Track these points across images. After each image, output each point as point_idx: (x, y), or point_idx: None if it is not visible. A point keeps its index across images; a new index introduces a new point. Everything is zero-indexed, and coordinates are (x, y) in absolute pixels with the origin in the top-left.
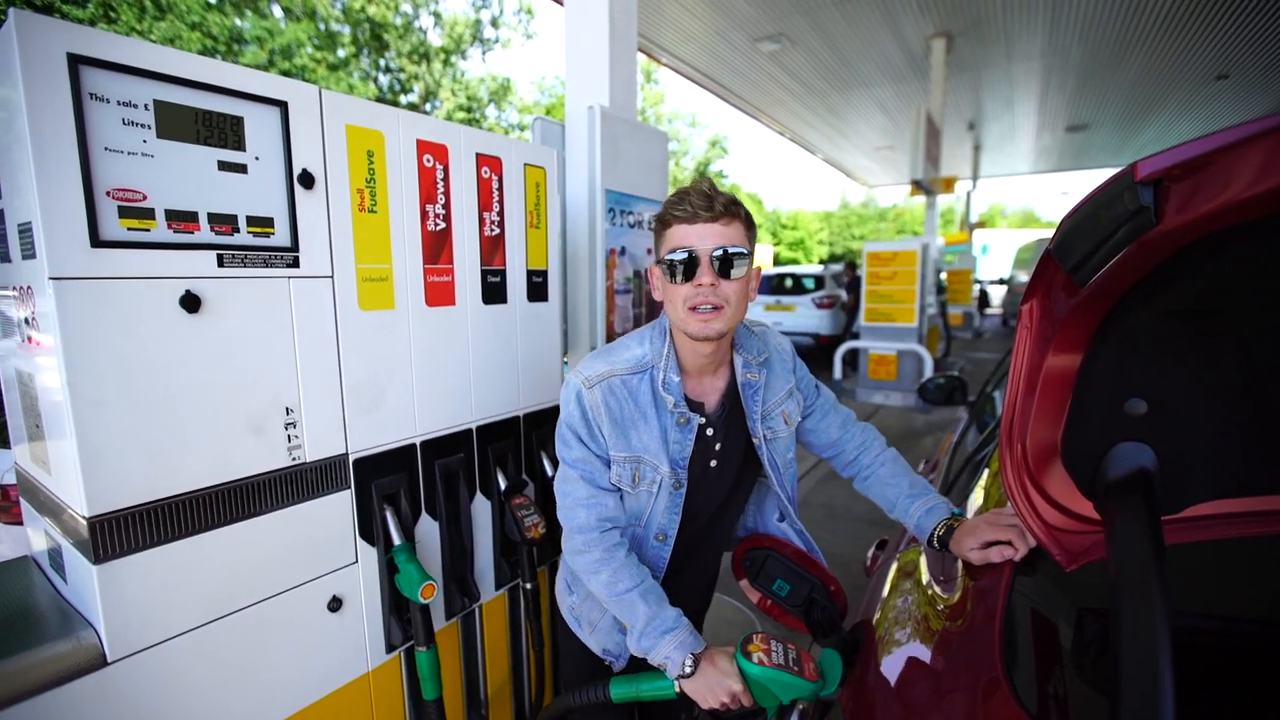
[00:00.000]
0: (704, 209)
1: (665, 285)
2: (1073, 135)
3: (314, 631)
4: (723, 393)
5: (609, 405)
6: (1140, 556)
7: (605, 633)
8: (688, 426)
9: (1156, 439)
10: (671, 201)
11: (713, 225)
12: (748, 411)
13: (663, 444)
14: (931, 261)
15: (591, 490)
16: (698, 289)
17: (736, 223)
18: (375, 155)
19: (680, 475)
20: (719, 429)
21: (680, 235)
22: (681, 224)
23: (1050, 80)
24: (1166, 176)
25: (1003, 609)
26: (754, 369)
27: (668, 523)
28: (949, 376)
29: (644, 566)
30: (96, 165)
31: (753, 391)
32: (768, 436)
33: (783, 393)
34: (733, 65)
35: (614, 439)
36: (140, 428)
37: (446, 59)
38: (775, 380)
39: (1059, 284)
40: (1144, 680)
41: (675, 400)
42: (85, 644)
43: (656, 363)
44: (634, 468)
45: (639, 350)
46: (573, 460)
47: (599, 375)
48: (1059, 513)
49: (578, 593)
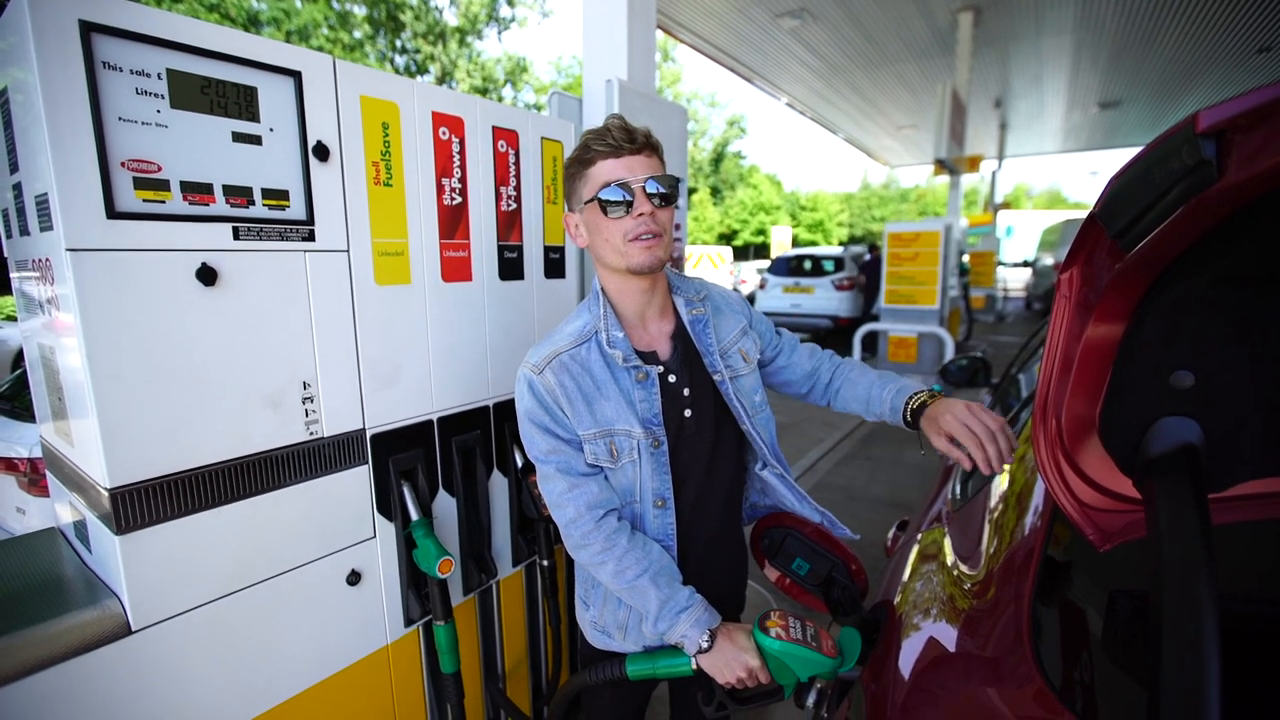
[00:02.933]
0: (627, 141)
1: (598, 224)
2: (1104, 112)
3: (333, 605)
4: (670, 335)
5: (564, 384)
6: (1186, 536)
7: (639, 629)
8: (649, 381)
9: (1203, 413)
10: (590, 139)
11: (638, 157)
12: (702, 349)
13: (628, 407)
14: (954, 243)
15: (571, 480)
16: (639, 219)
17: (655, 155)
18: (390, 127)
19: (656, 433)
20: (680, 373)
21: (609, 170)
22: (607, 159)
23: (1082, 55)
24: (1231, 127)
25: (1031, 589)
26: (697, 305)
27: (660, 486)
28: (972, 357)
29: (650, 546)
30: (111, 135)
31: (702, 326)
32: (730, 374)
33: (736, 330)
34: (753, 42)
35: (577, 416)
36: (159, 401)
37: (462, 39)
38: (724, 319)
39: (1103, 250)
40: (1188, 668)
41: (625, 354)
42: (110, 612)
43: (597, 326)
44: (608, 442)
45: (578, 323)
46: (544, 455)
47: (545, 358)
48: (1094, 491)
49: (594, 605)
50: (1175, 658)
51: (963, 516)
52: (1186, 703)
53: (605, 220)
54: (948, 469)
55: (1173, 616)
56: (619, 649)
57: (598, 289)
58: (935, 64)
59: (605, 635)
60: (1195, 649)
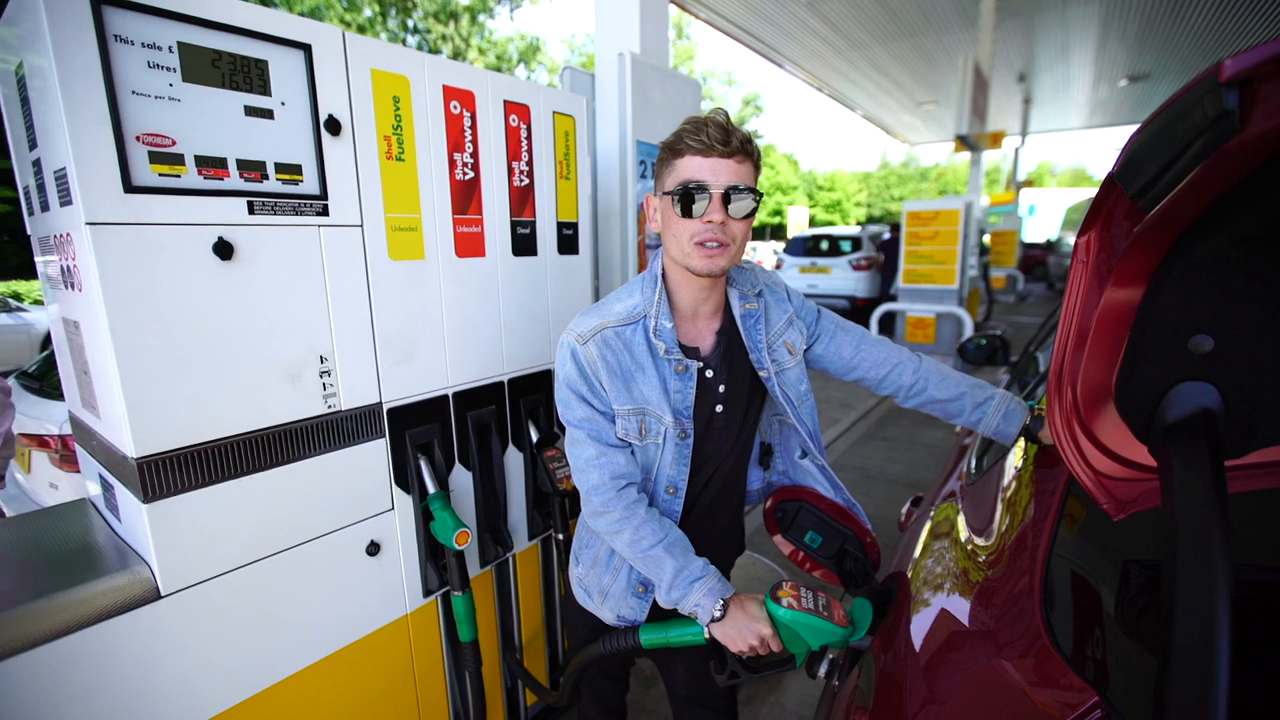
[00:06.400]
0: (721, 142)
1: (669, 217)
2: (1133, 86)
3: (354, 574)
4: (716, 332)
5: (605, 358)
6: (1201, 502)
7: (619, 598)
8: (687, 374)
9: (1222, 378)
10: (686, 130)
11: (727, 161)
12: (750, 345)
13: (663, 394)
14: (975, 221)
15: (600, 448)
16: (707, 225)
17: (749, 162)
18: (401, 101)
19: (685, 425)
20: (719, 370)
21: (694, 167)
22: (695, 155)
23: (1110, 26)
24: (1256, 75)
25: (1044, 558)
26: (750, 299)
27: (677, 475)
28: (990, 336)
29: (665, 520)
30: (125, 109)
31: (754, 321)
32: (775, 370)
33: (782, 321)
34: (769, 16)
35: (615, 391)
36: (180, 373)
37: (473, 18)
38: (773, 311)
39: (1121, 212)
40: (1198, 637)
41: (668, 346)
42: (140, 577)
43: (649, 310)
44: (639, 420)
45: (630, 301)
46: (577, 420)
47: (591, 329)
48: (1109, 459)
49: (583, 562)
50: (1186, 626)
51: (976, 490)
52: (1196, 670)
53: (677, 216)
54: (962, 447)
55: (1186, 583)
56: (595, 612)
57: (657, 272)
58: (956, 37)
59: (586, 595)
60: (1207, 617)
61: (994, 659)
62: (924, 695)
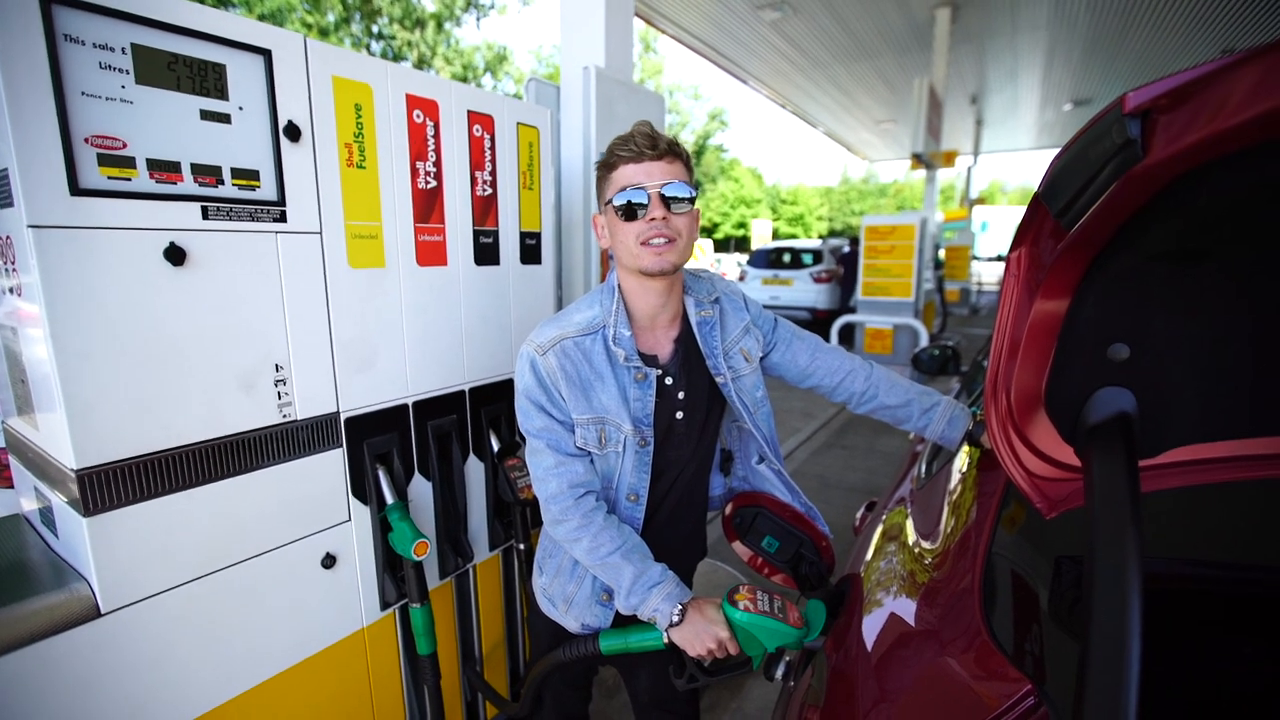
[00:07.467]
0: (649, 147)
1: (615, 226)
2: (1077, 110)
3: (309, 588)
4: (674, 340)
5: (564, 369)
6: (1116, 498)
7: (583, 606)
8: (646, 382)
9: (1138, 383)
10: (615, 144)
11: (659, 163)
12: (706, 351)
13: (623, 403)
14: (930, 236)
15: (559, 457)
16: (650, 223)
17: (679, 161)
18: (363, 109)
19: (645, 433)
20: (678, 377)
21: (628, 175)
22: (629, 164)
23: (1056, 51)
24: (1154, 107)
25: (984, 558)
26: (707, 306)
27: (638, 482)
28: (943, 346)
29: (624, 527)
30: (74, 110)
31: (709, 328)
32: (731, 376)
33: (739, 329)
34: (734, 34)
35: (574, 401)
36: (127, 381)
37: (440, 25)
38: (729, 318)
39: (1047, 230)
40: (1112, 622)
41: (627, 354)
42: (78, 595)
43: (607, 320)
44: (599, 429)
45: (590, 312)
46: (536, 430)
47: (551, 340)
48: (1041, 461)
49: (547, 571)
50: (1101, 610)
51: (925, 494)
52: (1110, 652)
53: (621, 223)
54: (914, 454)
55: (1103, 573)
56: (559, 621)
57: (614, 284)
58: (913, 59)
59: (551, 604)
60: (1120, 602)
61: (939, 656)
62: (873, 692)
